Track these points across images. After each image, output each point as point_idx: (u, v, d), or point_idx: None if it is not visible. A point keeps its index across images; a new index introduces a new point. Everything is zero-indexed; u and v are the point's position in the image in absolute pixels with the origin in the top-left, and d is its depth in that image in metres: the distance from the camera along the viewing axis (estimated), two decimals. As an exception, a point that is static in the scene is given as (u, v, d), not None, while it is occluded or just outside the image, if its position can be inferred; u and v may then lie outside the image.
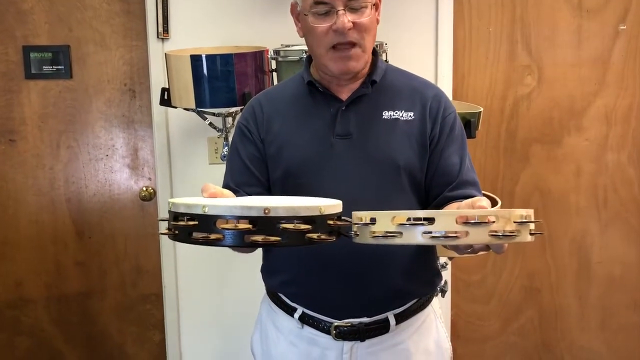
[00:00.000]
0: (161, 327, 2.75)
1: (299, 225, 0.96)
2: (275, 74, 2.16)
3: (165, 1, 2.44)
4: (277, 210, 0.95)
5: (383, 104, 1.41)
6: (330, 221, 1.02)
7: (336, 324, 1.44)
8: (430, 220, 0.95)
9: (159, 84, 2.42)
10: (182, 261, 2.66)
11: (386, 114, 1.40)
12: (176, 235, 0.98)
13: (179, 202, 0.99)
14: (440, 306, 1.61)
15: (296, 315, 1.47)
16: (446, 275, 2.30)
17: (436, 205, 1.40)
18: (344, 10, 1.31)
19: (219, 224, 0.95)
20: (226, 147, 2.24)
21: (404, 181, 1.38)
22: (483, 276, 2.89)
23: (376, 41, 1.45)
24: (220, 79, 2.05)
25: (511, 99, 2.74)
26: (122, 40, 2.58)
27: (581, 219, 2.84)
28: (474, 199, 1.11)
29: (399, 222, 0.98)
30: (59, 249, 2.68)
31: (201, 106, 2.10)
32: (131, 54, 2.59)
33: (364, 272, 1.40)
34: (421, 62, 2.57)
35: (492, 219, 0.95)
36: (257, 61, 2.11)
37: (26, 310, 2.70)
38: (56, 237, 2.67)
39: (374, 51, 1.44)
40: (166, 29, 2.47)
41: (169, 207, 1.01)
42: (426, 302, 1.51)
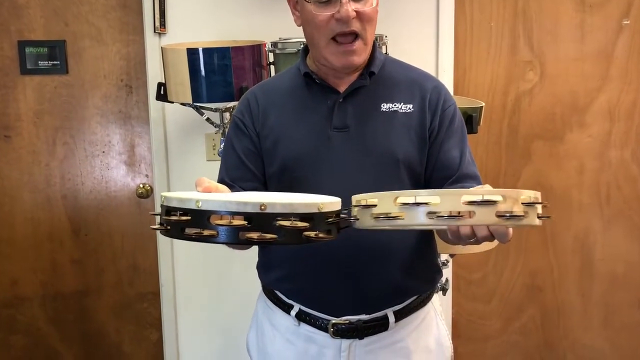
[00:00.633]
0: (158, 325, 2.72)
1: (296, 223, 0.92)
2: (273, 67, 2.12)
3: (162, -5, 2.41)
4: (273, 207, 0.91)
5: (381, 96, 1.37)
6: (329, 219, 0.98)
7: (334, 321, 1.40)
8: (435, 199, 0.91)
9: (156, 79, 2.39)
10: (179, 259, 2.63)
11: (385, 106, 1.37)
12: (168, 230, 0.94)
13: (171, 196, 0.95)
14: (440, 303, 1.58)
15: (293, 313, 1.44)
16: (447, 273, 2.27)
17: None
18: None
19: (213, 219, 0.92)
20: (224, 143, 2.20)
21: (403, 175, 1.35)
22: (484, 274, 2.86)
23: (376, 34, 1.42)
24: (218, 73, 2.01)
25: (513, 95, 2.71)
26: (119, 34, 2.54)
27: (584, 217, 2.81)
28: (477, 187, 1.07)
29: (401, 202, 0.94)
30: (54, 247, 2.65)
31: (198, 101, 2.07)
32: (128, 49, 2.56)
33: (362, 267, 1.37)
34: (422, 57, 2.54)
35: (499, 199, 0.91)
36: (255, 55, 2.07)
37: (22, 308, 2.67)
38: (52, 234, 2.64)
39: (373, 42, 1.40)
40: (163, 24, 2.44)
41: (161, 201, 0.97)
42: (426, 299, 1.47)
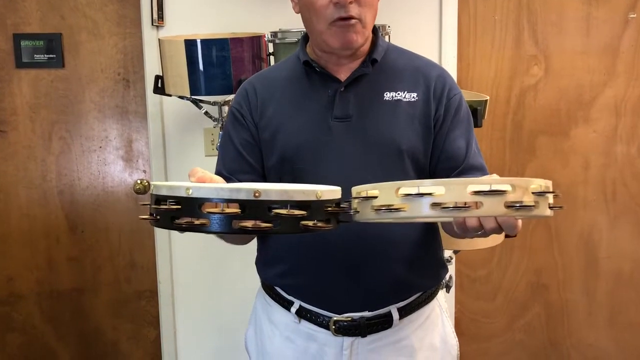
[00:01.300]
0: (156, 324, 2.68)
1: (292, 211, 0.87)
2: (272, 58, 2.08)
3: (160, -13, 2.37)
4: (268, 194, 0.86)
5: (384, 84, 1.33)
6: (328, 208, 0.93)
7: (335, 318, 1.35)
8: (439, 190, 0.86)
9: (153, 73, 2.34)
10: (177, 256, 2.59)
11: (388, 95, 1.32)
12: (158, 220, 0.89)
13: (161, 184, 0.91)
14: (445, 300, 1.53)
15: (293, 309, 1.39)
16: (450, 270, 2.21)
17: None
18: None
19: (205, 208, 0.87)
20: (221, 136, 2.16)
21: (407, 166, 1.30)
22: (488, 272, 2.82)
23: (379, 24, 1.37)
24: (216, 65, 1.97)
25: (517, 89, 2.66)
26: (116, 28, 2.50)
27: (589, 213, 2.76)
28: (484, 176, 1.02)
29: (404, 193, 0.89)
30: (51, 244, 2.61)
31: (196, 94, 2.02)
32: (125, 42, 2.51)
33: (365, 262, 1.32)
34: (424, 51, 2.41)
35: (508, 189, 0.85)
36: (254, 47, 2.03)
37: (17, 306, 2.63)
38: (48, 231, 2.60)
39: (375, 29, 1.36)
40: (161, 16, 2.40)
41: (150, 190, 0.93)
42: (431, 295, 1.42)
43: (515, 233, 0.98)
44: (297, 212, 0.87)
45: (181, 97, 2.16)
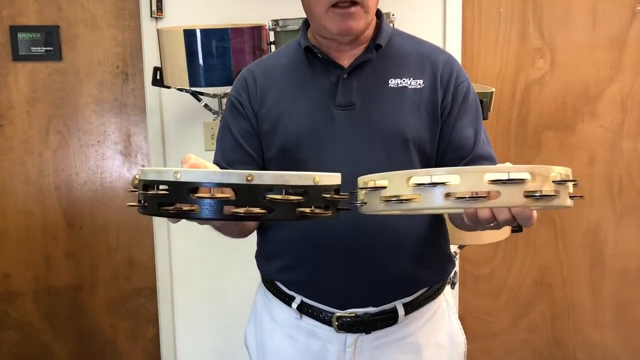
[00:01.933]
0: (155, 321, 2.64)
1: (288, 196, 0.82)
2: (273, 47, 2.04)
3: (159, -22, 2.33)
4: (262, 178, 0.80)
5: (389, 70, 1.28)
6: (326, 194, 0.87)
7: (338, 314, 1.30)
8: (453, 179, 0.81)
9: (152, 65, 2.28)
10: (176, 253, 2.55)
11: (393, 82, 1.27)
12: (146, 207, 0.84)
13: (149, 169, 0.86)
14: (452, 296, 1.48)
15: (294, 305, 1.34)
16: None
17: None
18: None
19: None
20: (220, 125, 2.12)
21: (412, 156, 1.25)
22: (492, 269, 2.77)
23: (384, 12, 1.33)
24: (216, 56, 1.93)
25: (522, 83, 2.62)
26: (114, 20, 2.46)
27: (595, 210, 2.72)
28: (499, 164, 0.97)
29: (415, 182, 0.84)
30: (48, 240, 2.57)
31: (195, 85, 1.98)
32: (124, 35, 2.47)
33: (369, 256, 1.27)
34: None
35: (527, 177, 0.80)
36: (255, 38, 1.99)
37: (14, 304, 2.59)
38: (45, 227, 2.56)
39: (379, 13, 1.31)
40: (160, 8, 2.36)
41: (138, 176, 0.88)
42: (438, 291, 1.38)
43: (530, 224, 0.93)
44: (293, 197, 0.82)
45: (180, 90, 2.12)
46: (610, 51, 2.61)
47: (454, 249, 2.10)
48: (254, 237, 1.42)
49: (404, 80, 1.27)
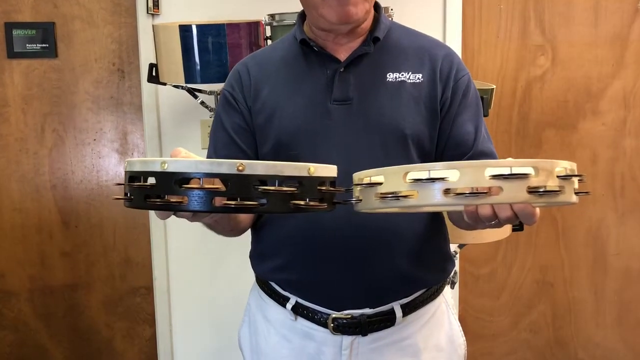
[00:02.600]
0: (151, 321, 2.61)
1: (281, 187, 0.79)
2: (270, 42, 2.01)
3: (155, -26, 2.30)
4: (254, 167, 0.77)
5: (387, 64, 1.24)
6: (321, 187, 0.84)
7: (334, 315, 1.27)
8: (453, 174, 0.77)
9: (149, 62, 2.26)
10: (173, 252, 2.52)
11: (391, 76, 1.23)
12: (132, 200, 0.81)
13: (135, 159, 0.82)
14: (451, 296, 1.45)
15: (289, 306, 1.30)
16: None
17: None
18: None
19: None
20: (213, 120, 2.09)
21: (411, 152, 1.22)
22: (493, 269, 2.74)
23: (382, 6, 1.30)
24: (212, 52, 1.90)
25: (523, 80, 2.59)
26: (110, 16, 2.43)
27: (597, 209, 2.69)
28: (502, 159, 0.93)
29: (412, 178, 0.80)
30: (43, 239, 2.54)
31: (191, 81, 1.95)
32: (120, 32, 2.44)
33: (366, 255, 1.24)
34: None
35: (531, 172, 0.77)
36: (251, 34, 1.95)
37: (9, 303, 2.56)
38: (41, 226, 2.53)
39: (377, 6, 1.28)
40: (156, 4, 2.33)
41: (124, 168, 0.85)
42: (437, 292, 1.33)
43: (532, 222, 0.89)
44: (287, 188, 0.79)
45: (176, 86, 2.10)
46: (612, 48, 2.58)
47: (453, 248, 2.07)
48: (248, 233, 1.39)
49: (402, 75, 1.23)
